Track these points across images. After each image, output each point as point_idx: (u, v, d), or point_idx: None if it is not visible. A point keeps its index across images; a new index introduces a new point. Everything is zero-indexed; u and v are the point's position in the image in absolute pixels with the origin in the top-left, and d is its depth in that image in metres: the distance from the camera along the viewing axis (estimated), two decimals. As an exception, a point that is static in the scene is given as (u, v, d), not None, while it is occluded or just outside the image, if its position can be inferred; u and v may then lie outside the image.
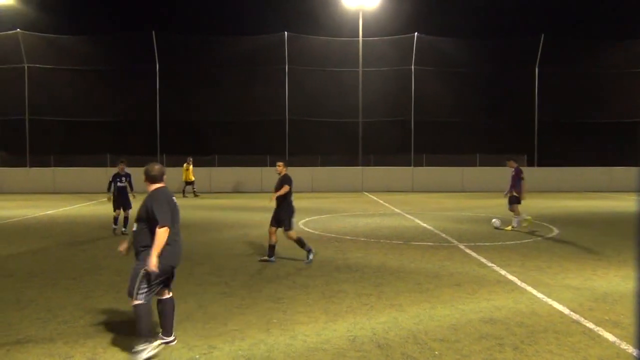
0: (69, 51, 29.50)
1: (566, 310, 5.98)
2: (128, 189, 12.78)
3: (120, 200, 12.60)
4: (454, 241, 11.04)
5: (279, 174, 9.14)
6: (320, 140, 32.02)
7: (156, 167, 5.00)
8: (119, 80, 30.59)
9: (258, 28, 32.24)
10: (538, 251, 9.89)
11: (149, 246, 4.63)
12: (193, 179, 24.88)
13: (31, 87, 29.36)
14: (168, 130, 30.20)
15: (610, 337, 5.12)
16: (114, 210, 12.63)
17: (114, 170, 13.34)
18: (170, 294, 5.03)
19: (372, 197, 24.09)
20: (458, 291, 6.86)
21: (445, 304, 6.27)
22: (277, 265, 8.58)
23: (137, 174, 26.85)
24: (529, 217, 13.19)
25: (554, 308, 6.10)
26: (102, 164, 27.60)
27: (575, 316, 5.78)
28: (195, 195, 24.53)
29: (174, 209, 4.85)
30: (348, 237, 11.63)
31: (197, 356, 4.67)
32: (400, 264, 8.68)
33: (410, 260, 9.01)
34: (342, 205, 19.64)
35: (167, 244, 4.66)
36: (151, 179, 4.93)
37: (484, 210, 17.90)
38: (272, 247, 8.89)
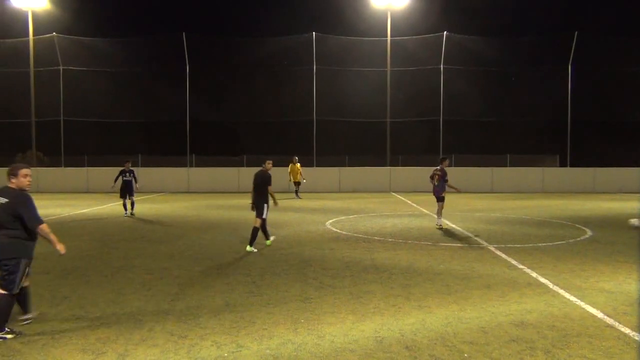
0: (102, 53, 30.21)
1: (600, 314, 5.83)
2: (133, 181, 16.13)
3: (126, 190, 16.08)
4: (484, 242, 10.88)
5: (268, 170, 10.17)
6: (347, 140, 32.01)
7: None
8: (150, 81, 31.16)
9: (286, 29, 32.42)
10: (571, 253, 9.67)
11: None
12: (300, 179, 23.19)
13: (66, 89, 30.15)
14: (197, 130, 30.60)
15: (647, 342, 4.96)
16: (121, 198, 16.25)
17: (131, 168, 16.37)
18: None
19: (400, 197, 23.94)
20: (488, 293, 6.75)
21: (475, 306, 6.18)
22: (304, 266, 8.60)
23: (168, 173, 27.09)
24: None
25: (587, 312, 5.95)
26: (134, 165, 28.13)
27: (609, 320, 5.62)
28: (298, 197, 23.32)
29: None
30: (376, 238, 11.57)
31: (226, 354, 4.71)
32: (428, 265, 8.60)
33: (439, 261, 8.92)
34: (370, 206, 19.56)
35: None
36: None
37: (514, 211, 17.59)
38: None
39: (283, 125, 31.25)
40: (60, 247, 5.30)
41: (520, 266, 8.45)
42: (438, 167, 13.30)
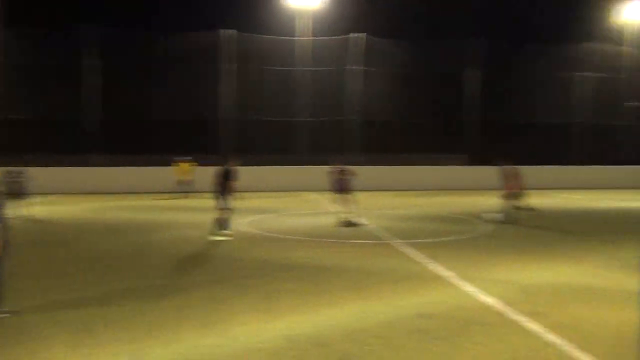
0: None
1: (496, 303, 6.26)
2: (22, 183, 14.90)
3: (15, 192, 14.56)
4: (393, 238, 11.27)
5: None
6: (262, 139, 31.86)
7: None
8: (41, 76, 29.20)
9: (195, 25, 31.59)
10: (473, 247, 10.27)
11: None
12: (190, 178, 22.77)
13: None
14: (109, 129, 29.12)
15: (536, 327, 5.40)
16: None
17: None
18: None
19: (316, 196, 24.23)
20: (395, 288, 7.03)
21: (383, 300, 6.41)
22: (217, 267, 8.50)
23: (68, 173, 25.30)
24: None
25: (485, 301, 6.36)
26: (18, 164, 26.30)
27: (504, 308, 6.05)
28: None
29: None
30: (289, 237, 11.64)
31: (131, 361, 4.55)
32: (340, 262, 8.80)
33: (350, 258, 9.14)
34: (285, 205, 19.64)
35: None
36: None
37: (421, 209, 18.38)
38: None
39: (190, 124, 30.53)
40: None
41: (426, 261, 8.86)
42: (341, 167, 14.24)
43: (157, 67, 29.91)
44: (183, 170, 23.22)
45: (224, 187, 11.23)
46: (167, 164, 26.59)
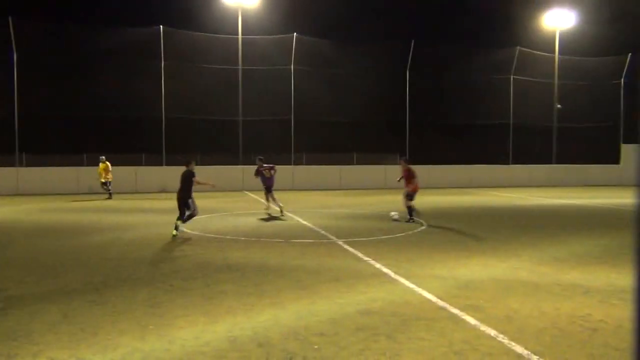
0: None
1: (434, 299, 6.42)
2: None
3: None
4: (333, 237, 11.36)
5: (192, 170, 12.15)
6: (200, 139, 31.25)
7: None
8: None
9: (132, 20, 30.59)
10: (409, 244, 10.50)
11: None
12: (110, 178, 22.64)
13: None
14: (29, 126, 27.58)
15: (472, 320, 5.57)
16: None
17: None
18: None
19: (254, 196, 24.05)
20: (337, 286, 7.06)
21: (325, 299, 6.43)
22: (153, 269, 8.23)
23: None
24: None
25: (424, 297, 6.51)
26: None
27: (441, 303, 6.21)
28: (109, 196, 22.53)
29: None
30: (229, 237, 11.48)
31: (63, 370, 4.31)
32: (281, 261, 8.75)
33: (291, 257, 9.12)
34: (223, 205, 19.36)
35: None
36: None
37: (360, 207, 18.64)
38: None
39: (129, 123, 29.53)
40: None
41: (366, 258, 8.98)
42: (268, 165, 16.27)
43: (90, 63, 28.70)
44: (105, 170, 22.67)
45: (190, 188, 12.00)
46: (94, 163, 25.60)
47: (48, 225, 13.78)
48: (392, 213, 14.77)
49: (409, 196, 14.18)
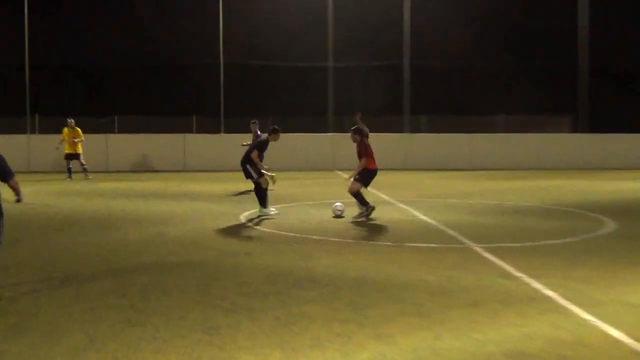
0: None
1: (625, 338, 6.11)
2: None
3: None
4: (467, 241, 11.18)
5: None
6: (271, 94, 31.78)
7: None
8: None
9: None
10: (586, 255, 10.09)
11: None
12: (80, 150, 24.21)
13: None
14: (42, 82, 29.40)
15: (688, 375, 5.26)
16: None
17: None
18: None
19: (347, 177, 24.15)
20: (473, 314, 6.92)
21: (456, 332, 6.33)
22: (208, 280, 8.48)
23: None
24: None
25: (609, 335, 6.22)
26: None
27: (637, 346, 5.91)
28: (86, 177, 23.98)
29: None
30: (314, 237, 11.62)
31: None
32: (390, 275, 8.71)
33: (405, 269, 9.07)
34: (305, 190, 19.63)
35: None
36: None
37: (503, 196, 18.28)
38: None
39: (173, 74, 30.64)
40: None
41: (518, 274, 8.73)
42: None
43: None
44: (73, 138, 23.94)
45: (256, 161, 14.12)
46: (125, 129, 26.85)
47: (67, 215, 14.64)
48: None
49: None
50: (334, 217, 14.09)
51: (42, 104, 29.45)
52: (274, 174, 14.59)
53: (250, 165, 14.28)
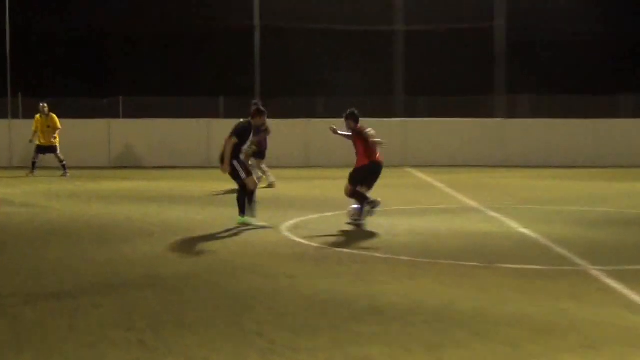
0: None
1: None
2: None
3: None
4: (581, 262, 11.07)
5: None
6: (319, 68, 31.90)
7: None
8: None
9: None
10: None
11: None
12: (55, 142, 24.57)
13: None
14: (24, 55, 29.94)
15: None
16: None
17: None
18: None
19: (422, 176, 24.12)
20: (594, 358, 6.80)
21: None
22: (241, 309, 8.49)
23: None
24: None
25: None
26: None
27: None
28: (64, 174, 24.39)
29: None
30: (378, 255, 11.63)
31: None
32: (478, 306, 8.64)
33: (497, 299, 9.00)
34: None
35: None
36: None
37: (630, 202, 18.00)
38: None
39: (193, 43, 30.96)
40: None
41: (652, 306, 8.57)
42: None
43: None
44: (47, 126, 24.50)
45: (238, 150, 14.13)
46: (130, 114, 27.19)
47: (60, 224, 14.86)
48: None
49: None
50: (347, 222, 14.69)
51: (27, 81, 30.01)
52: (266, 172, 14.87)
53: (238, 160, 14.30)
